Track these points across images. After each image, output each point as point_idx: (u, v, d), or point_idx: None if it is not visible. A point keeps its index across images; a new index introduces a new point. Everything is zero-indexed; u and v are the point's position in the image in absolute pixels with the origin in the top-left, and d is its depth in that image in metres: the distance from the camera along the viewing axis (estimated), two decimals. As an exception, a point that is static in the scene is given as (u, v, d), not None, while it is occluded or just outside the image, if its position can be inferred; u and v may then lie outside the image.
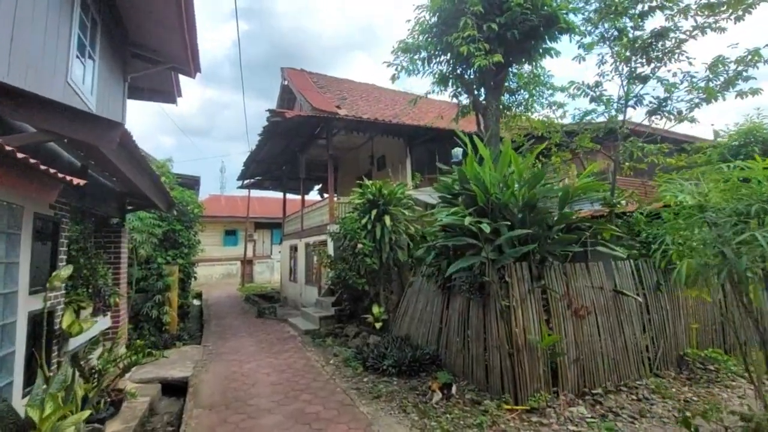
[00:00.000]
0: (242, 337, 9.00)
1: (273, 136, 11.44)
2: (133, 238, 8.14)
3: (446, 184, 5.45)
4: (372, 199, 8.31)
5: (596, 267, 5.61)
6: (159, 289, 8.27)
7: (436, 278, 6.39)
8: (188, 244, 10.19)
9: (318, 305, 10.58)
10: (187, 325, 10.83)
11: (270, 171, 17.21)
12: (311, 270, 13.17)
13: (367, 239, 7.91)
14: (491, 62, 5.80)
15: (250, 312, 13.03)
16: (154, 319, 8.20)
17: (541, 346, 4.70)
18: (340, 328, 8.87)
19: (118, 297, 5.42)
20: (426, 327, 6.66)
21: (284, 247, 17.18)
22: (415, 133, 12.38)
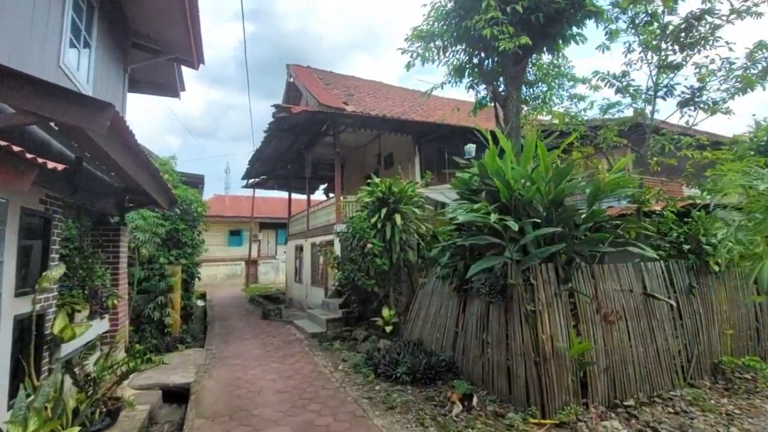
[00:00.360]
0: (247, 339, 8.70)
1: (279, 132, 11.14)
2: (135, 237, 7.86)
3: (464, 180, 5.11)
4: (382, 197, 7.97)
5: (625, 268, 5.24)
6: (161, 290, 7.98)
7: (451, 280, 6.04)
8: (192, 243, 9.91)
9: (324, 307, 10.26)
10: (191, 327, 10.55)
11: (275, 170, 16.93)
12: (317, 271, 12.86)
13: (376, 239, 7.58)
14: (518, 45, 5.39)
15: (254, 313, 12.74)
16: (156, 321, 7.91)
17: (570, 355, 4.34)
18: (348, 331, 8.53)
19: (117, 299, 5.13)
20: (440, 331, 6.31)
21: (289, 247, 16.90)
22: (425, 130, 12.03)
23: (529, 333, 4.39)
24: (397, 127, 11.90)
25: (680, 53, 5.29)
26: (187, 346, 7.91)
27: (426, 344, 6.52)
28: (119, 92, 5.88)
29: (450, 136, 12.22)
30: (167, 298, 8.02)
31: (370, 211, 7.91)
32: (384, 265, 7.36)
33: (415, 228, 7.96)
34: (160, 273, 8.21)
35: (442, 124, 10.80)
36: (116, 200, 5.48)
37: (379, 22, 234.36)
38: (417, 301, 7.37)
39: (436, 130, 11.85)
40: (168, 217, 9.37)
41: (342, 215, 11.15)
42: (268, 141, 11.79)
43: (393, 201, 7.92)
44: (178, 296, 8.43)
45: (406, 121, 11.06)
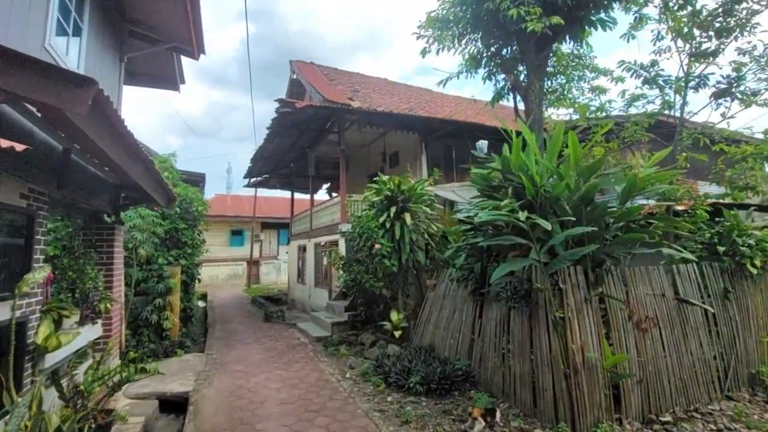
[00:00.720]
0: (249, 344, 8.34)
1: (282, 129, 10.80)
2: (133, 236, 7.53)
3: (483, 176, 4.74)
4: (390, 195, 7.61)
5: (656, 271, 4.87)
6: (159, 291, 7.64)
7: (467, 283, 5.68)
8: (192, 243, 9.56)
9: (329, 309, 9.91)
10: (191, 329, 10.21)
11: (278, 168, 16.60)
12: (321, 271, 12.51)
13: (384, 239, 7.22)
14: (548, 25, 4.97)
15: (256, 315, 12.39)
16: (154, 325, 7.57)
17: (603, 366, 3.97)
18: (355, 335, 8.17)
19: (111, 302, 4.77)
20: (454, 337, 5.94)
21: (292, 247, 16.55)
22: (432, 127, 11.67)
23: (558, 342, 4.02)
24: (403, 123, 11.53)
25: (715, 40, 4.92)
26: (186, 351, 7.56)
27: (438, 351, 6.15)
28: (114, 82, 5.54)
29: (458, 133, 11.86)
30: (165, 300, 7.68)
31: (378, 210, 7.55)
32: (393, 267, 7.00)
33: (425, 228, 7.60)
34: (158, 274, 7.87)
35: (451, 120, 10.45)
36: (111, 197, 5.13)
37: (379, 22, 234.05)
38: (427, 305, 7.01)
39: (444, 127, 11.48)
40: (167, 216, 9.04)
41: (347, 215, 10.80)
42: (271, 138, 11.45)
43: (402, 199, 7.56)
44: (177, 298, 8.09)
45: (413, 117, 10.69)
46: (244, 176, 16.59)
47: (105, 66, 5.13)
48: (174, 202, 5.69)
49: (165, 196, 5.38)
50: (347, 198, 10.98)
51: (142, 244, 7.66)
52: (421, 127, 11.86)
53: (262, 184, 18.72)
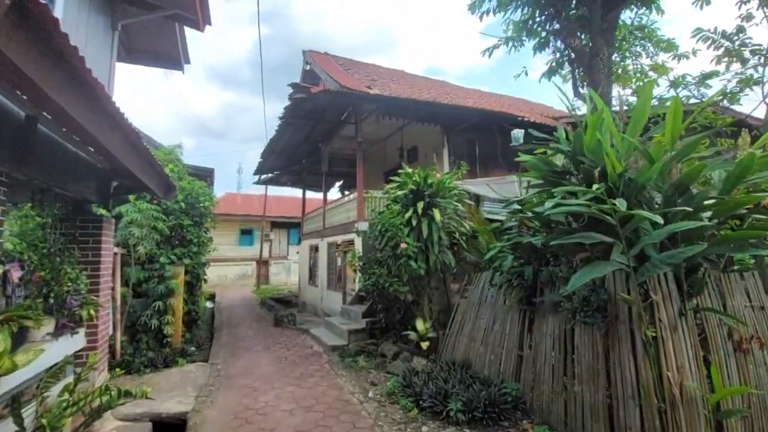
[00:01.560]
0: (257, 352, 7.58)
1: (295, 119, 10.06)
2: (130, 232, 6.83)
3: (544, 159, 3.88)
4: (416, 189, 6.80)
5: (752, 279, 3.97)
6: (160, 294, 6.92)
7: (512, 290, 4.83)
8: (198, 241, 8.86)
9: (344, 315, 9.11)
10: (196, 334, 9.50)
11: (289, 165, 15.90)
12: (334, 273, 11.74)
13: (410, 237, 6.40)
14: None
15: (266, 319, 11.66)
16: (154, 330, 6.85)
17: (707, 400, 3.10)
18: (374, 344, 7.35)
19: (96, 308, 4.04)
20: (495, 353, 5.09)
21: (303, 247, 15.82)
22: (456, 119, 10.81)
23: (650, 368, 3.15)
24: (425, 114, 10.70)
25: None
26: (189, 360, 6.81)
27: (476, 368, 5.30)
28: (106, 55, 4.83)
29: (483, 126, 10.99)
30: (166, 303, 6.96)
31: (402, 206, 6.73)
32: (420, 269, 6.17)
33: (455, 226, 6.76)
34: (159, 275, 7.15)
35: (481, 110, 9.60)
36: (99, 184, 4.41)
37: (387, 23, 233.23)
38: (459, 313, 6.16)
39: (469, 118, 10.62)
40: (171, 211, 8.36)
41: (364, 212, 10.02)
42: (283, 130, 10.72)
43: (429, 194, 6.74)
44: (180, 301, 7.37)
45: (438, 105, 9.75)
46: (254, 172, 15.93)
47: (94, 34, 4.41)
48: (173, 192, 4.96)
49: (162, 185, 4.64)
50: (365, 194, 10.19)
51: (142, 241, 6.95)
52: (443, 118, 11.02)
53: (272, 181, 18.06)
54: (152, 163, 4.29)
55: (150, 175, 4.38)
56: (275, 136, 11.16)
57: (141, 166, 4.09)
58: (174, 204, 8.41)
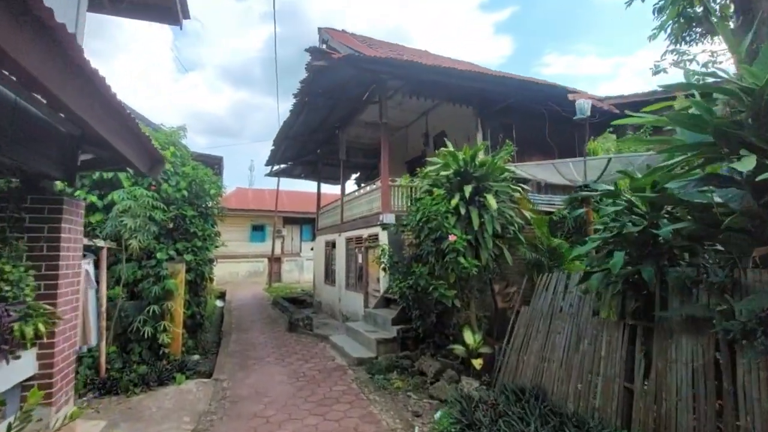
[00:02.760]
0: (270, 364, 6.45)
1: (312, 97, 8.88)
2: (122, 223, 5.75)
3: (706, 108, 2.59)
4: (462, 170, 5.57)
5: None
6: (155, 295, 5.83)
7: (616, 296, 3.57)
8: (203, 235, 7.78)
9: (369, 321, 7.93)
10: (201, 338, 8.45)
11: (303, 155, 14.79)
12: (354, 271, 10.57)
13: (458, 229, 5.17)
14: None
15: (278, 321, 10.56)
16: (149, 339, 5.76)
17: None
18: (408, 358, 6.15)
19: (49, 321, 2.92)
20: (583, 380, 3.84)
21: (318, 243, 14.70)
22: (496, 96, 9.50)
23: None
24: (458, 93, 9.42)
25: None
26: (188, 376, 5.71)
27: (554, 398, 4.05)
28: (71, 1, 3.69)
29: (522, 107, 9.66)
30: (163, 307, 5.86)
31: (447, 191, 5.50)
32: (471, 268, 4.93)
33: (511, 215, 5.51)
34: (155, 273, 6.06)
35: (530, 83, 8.25)
36: (60, 154, 3.29)
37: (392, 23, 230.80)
38: (520, 324, 4.92)
39: (515, 93, 9.27)
40: (173, 200, 7.29)
41: (390, 203, 8.82)
42: (299, 110, 9.56)
43: (478, 176, 5.50)
44: (179, 304, 6.27)
45: (481, 77, 8.30)
46: (266, 163, 14.85)
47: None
48: (160, 167, 3.81)
49: (145, 156, 3.50)
50: (390, 183, 8.99)
51: (136, 233, 5.87)
52: (477, 99, 9.71)
53: (285, 173, 16.97)
54: (131, 127, 3.15)
55: (128, 142, 3.24)
56: (289, 119, 10.01)
57: (116, 129, 2.96)
58: (175, 192, 7.36)
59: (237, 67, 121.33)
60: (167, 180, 7.35)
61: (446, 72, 7.95)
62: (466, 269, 4.88)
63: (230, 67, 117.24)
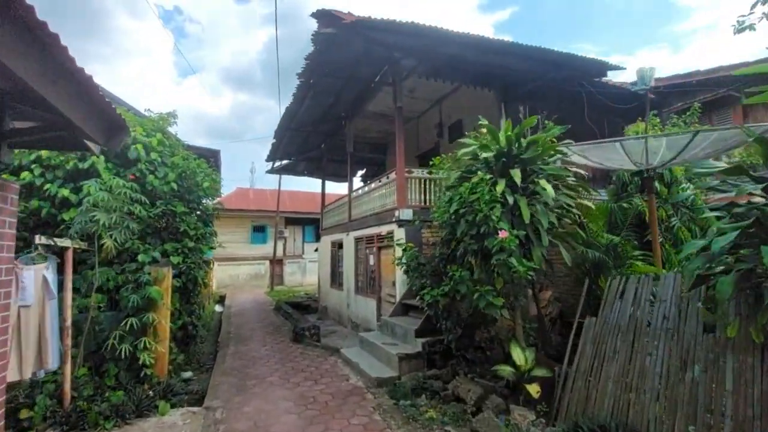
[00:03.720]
0: (273, 386, 5.45)
1: (318, 77, 7.90)
2: (93, 218, 4.78)
3: None
4: (505, 151, 4.58)
5: None
6: (134, 306, 4.84)
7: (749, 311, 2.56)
8: (195, 234, 6.81)
9: (386, 331, 6.92)
10: (195, 351, 7.48)
11: (306, 150, 13.82)
12: (364, 274, 9.58)
13: (504, 222, 4.17)
14: None
15: (282, 330, 9.57)
16: (127, 358, 4.77)
17: None
18: (437, 378, 5.14)
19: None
20: (698, 420, 2.83)
21: (323, 243, 13.72)
22: (523, 76, 8.51)
23: None
24: (480, 74, 8.44)
25: None
26: (174, 403, 4.71)
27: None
28: None
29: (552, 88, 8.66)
30: (144, 320, 4.86)
31: (492, 177, 4.49)
32: (526, 272, 3.92)
33: (568, 206, 4.52)
34: (135, 279, 5.08)
35: (572, 56, 7.20)
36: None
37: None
38: (587, 341, 3.92)
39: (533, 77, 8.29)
40: (159, 194, 6.34)
41: (406, 196, 7.84)
42: (303, 95, 8.58)
43: (525, 158, 4.51)
44: (165, 315, 5.27)
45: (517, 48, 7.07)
46: (267, 158, 13.88)
47: None
48: (121, 137, 2.82)
49: (96, 119, 2.52)
50: (407, 174, 8.01)
51: (110, 231, 4.89)
52: (500, 81, 8.72)
53: (287, 169, 16.00)
54: (78, 77, 2.17)
55: (74, 102, 2.27)
56: (292, 106, 9.03)
57: (52, 77, 1.99)
58: (163, 185, 6.41)
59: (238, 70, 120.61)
60: (153, 171, 6.40)
61: (475, 41, 6.90)
62: (522, 272, 3.87)
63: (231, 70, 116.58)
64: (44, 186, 5.49)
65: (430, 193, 8.27)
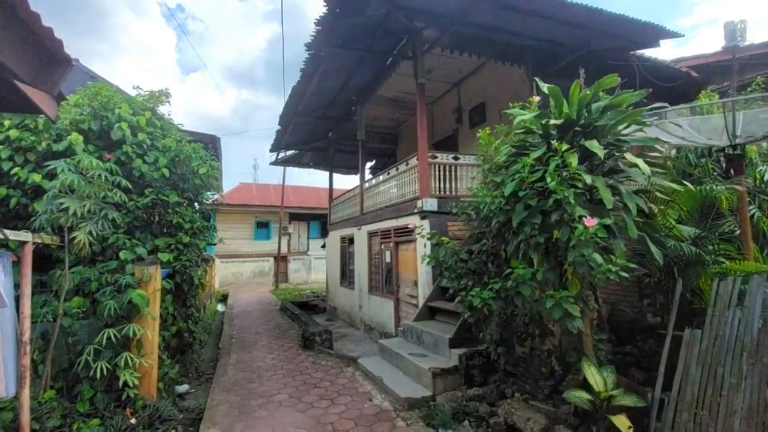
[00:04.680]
0: (282, 408, 4.57)
1: (329, 52, 6.96)
2: (62, 207, 3.90)
3: None
4: (574, 119, 3.64)
5: None
6: (111, 314, 3.96)
7: None
8: (191, 228, 5.94)
9: (410, 338, 6.02)
10: (192, 359, 6.64)
11: (313, 138, 12.90)
12: (379, 273, 8.69)
13: (581, 208, 3.22)
14: None
15: (289, 334, 8.70)
16: (105, 377, 3.90)
17: None
18: (482, 399, 4.24)
19: None
20: None
21: (332, 239, 12.83)
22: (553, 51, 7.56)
23: None
24: (510, 45, 7.50)
25: None
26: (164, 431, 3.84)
27: None
28: None
29: (595, 61, 7.68)
30: (125, 331, 3.97)
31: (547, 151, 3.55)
32: (616, 274, 2.98)
33: (662, 186, 3.59)
34: (114, 281, 4.19)
35: (627, 19, 6.17)
36: None
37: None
38: (693, 361, 3.00)
39: (573, 48, 7.33)
40: (148, 181, 5.49)
41: (429, 184, 6.94)
42: (312, 71, 7.63)
43: (600, 126, 3.57)
44: (152, 325, 4.37)
45: (557, 5, 6.01)
46: (271, 149, 12.97)
47: None
48: (57, 73, 1.90)
49: (32, 51, 1.60)
50: (430, 159, 7.09)
51: (83, 222, 4.01)
52: (532, 55, 7.77)
53: (292, 161, 15.10)
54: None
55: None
56: (299, 85, 8.09)
57: None
58: (153, 171, 5.54)
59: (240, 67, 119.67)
60: (142, 155, 5.54)
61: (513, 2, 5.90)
62: (606, 274, 2.94)
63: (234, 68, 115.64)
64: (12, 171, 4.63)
65: (456, 180, 7.36)
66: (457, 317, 5.50)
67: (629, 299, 5.79)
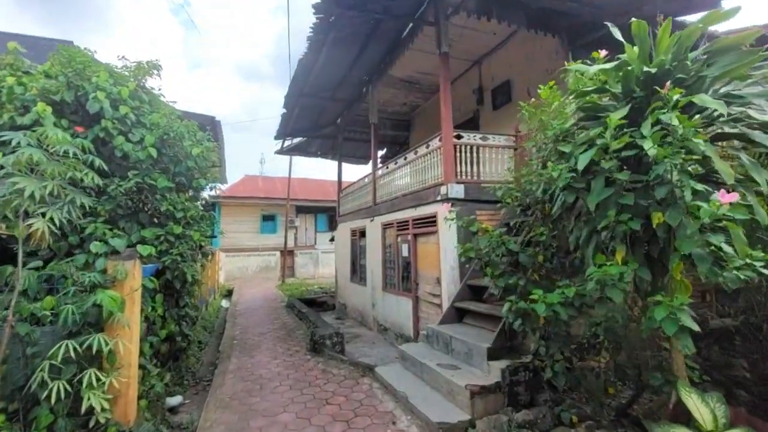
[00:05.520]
0: (287, 429, 3.79)
1: (339, 18, 6.09)
2: (16, 188, 3.12)
3: None
4: (669, 68, 2.75)
5: None
6: (71, 321, 3.18)
7: None
8: (183, 217, 5.18)
9: (436, 344, 5.18)
10: (188, 365, 5.90)
11: (320, 125, 12.07)
12: (397, 268, 7.87)
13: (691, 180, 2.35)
14: None
15: (295, 335, 7.94)
16: (67, 400, 3.13)
17: None
18: (532, 427, 3.42)
19: None
20: None
21: (341, 232, 12.03)
22: (603, 10, 6.59)
23: None
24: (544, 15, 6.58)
25: None
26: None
27: None
28: None
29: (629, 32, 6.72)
30: (92, 344, 3.19)
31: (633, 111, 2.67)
32: (756, 270, 2.13)
33: None
34: (79, 281, 3.41)
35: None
36: None
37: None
38: None
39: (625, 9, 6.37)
40: (134, 164, 4.75)
41: (454, 168, 6.09)
42: (321, 41, 6.77)
43: (703, 78, 2.68)
44: (128, 335, 3.59)
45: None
46: (276, 136, 12.16)
47: None
48: None
49: None
50: (455, 140, 6.23)
51: (42, 207, 3.23)
52: (565, 23, 6.83)
53: (299, 149, 14.28)
54: None
55: None
56: (306, 58, 7.23)
57: None
58: (138, 151, 4.79)
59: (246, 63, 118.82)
60: (126, 133, 4.78)
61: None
62: (743, 272, 2.08)
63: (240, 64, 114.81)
64: None
65: (481, 164, 6.50)
66: (493, 322, 4.67)
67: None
